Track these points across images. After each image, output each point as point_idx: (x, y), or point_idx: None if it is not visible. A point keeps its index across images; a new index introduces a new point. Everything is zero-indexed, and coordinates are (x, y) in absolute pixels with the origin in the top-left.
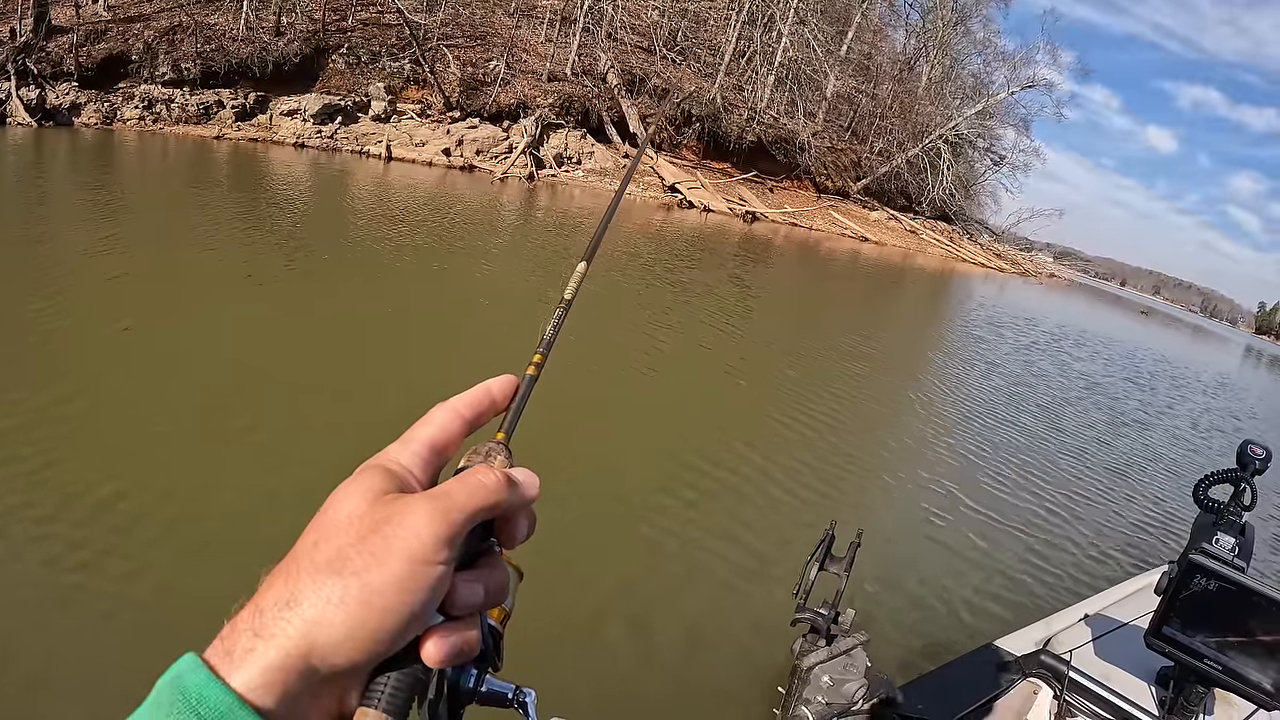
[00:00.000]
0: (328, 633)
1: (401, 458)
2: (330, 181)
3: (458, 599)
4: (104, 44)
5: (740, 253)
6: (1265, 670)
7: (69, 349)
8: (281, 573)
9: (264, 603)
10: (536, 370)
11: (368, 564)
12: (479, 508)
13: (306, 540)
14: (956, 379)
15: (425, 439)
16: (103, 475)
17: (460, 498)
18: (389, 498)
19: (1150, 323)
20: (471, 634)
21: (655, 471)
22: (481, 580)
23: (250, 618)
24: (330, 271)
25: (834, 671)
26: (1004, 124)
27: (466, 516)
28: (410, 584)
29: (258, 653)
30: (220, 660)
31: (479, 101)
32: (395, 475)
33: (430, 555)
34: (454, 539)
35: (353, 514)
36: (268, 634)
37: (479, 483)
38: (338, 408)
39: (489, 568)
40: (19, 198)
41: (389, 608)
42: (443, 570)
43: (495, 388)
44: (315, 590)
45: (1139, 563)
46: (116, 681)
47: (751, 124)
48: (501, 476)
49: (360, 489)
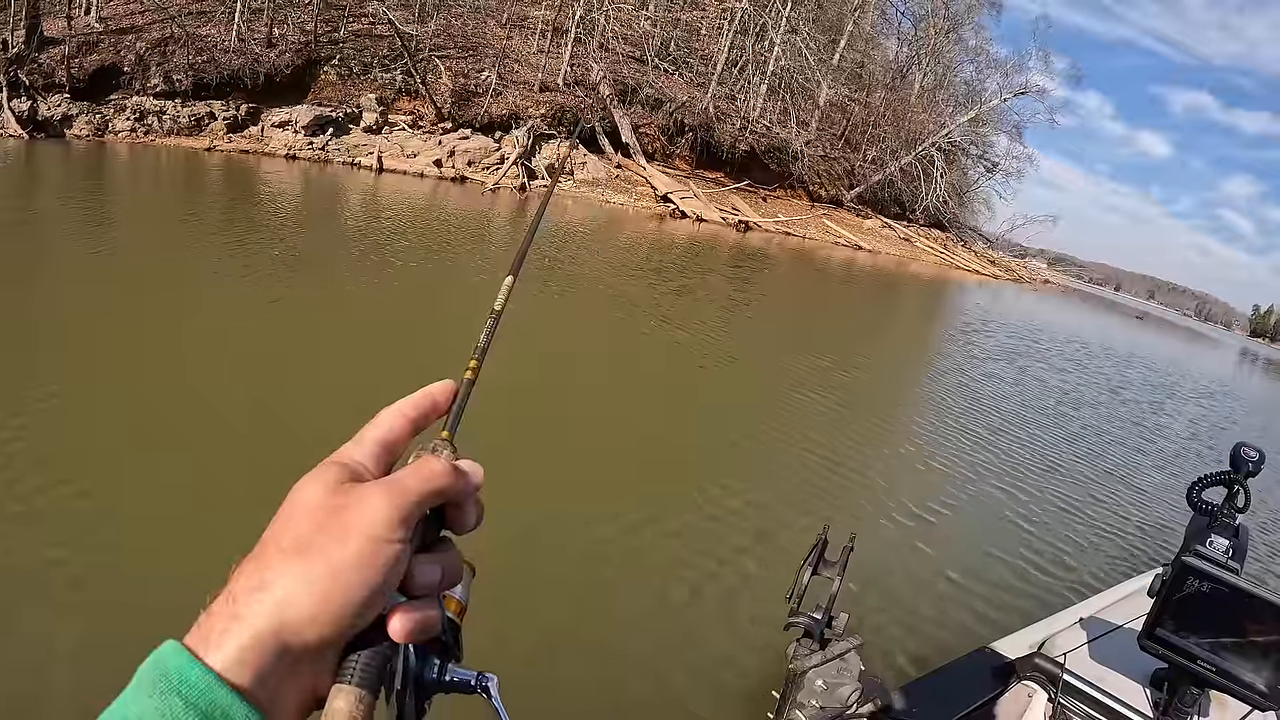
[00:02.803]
0: (296, 611)
1: (355, 455)
2: (320, 194)
3: (416, 578)
4: (96, 55)
5: (733, 262)
6: (1259, 671)
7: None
8: (252, 559)
9: (236, 589)
10: (474, 374)
11: (329, 545)
12: (429, 491)
13: (273, 529)
14: (953, 382)
15: (376, 438)
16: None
17: (411, 482)
18: (346, 486)
19: (1145, 327)
20: (432, 612)
21: (646, 477)
22: (438, 562)
23: (224, 604)
24: (310, 284)
25: (828, 675)
26: (997, 131)
27: (418, 499)
28: (370, 560)
29: (232, 633)
30: (198, 644)
31: (471, 112)
32: (350, 469)
33: (387, 534)
34: (408, 519)
35: (313, 502)
36: (241, 616)
37: (429, 469)
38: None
39: (443, 551)
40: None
41: (351, 584)
42: (399, 548)
43: (436, 391)
44: (282, 573)
45: (1134, 566)
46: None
47: (744, 133)
48: (449, 464)
49: (319, 481)
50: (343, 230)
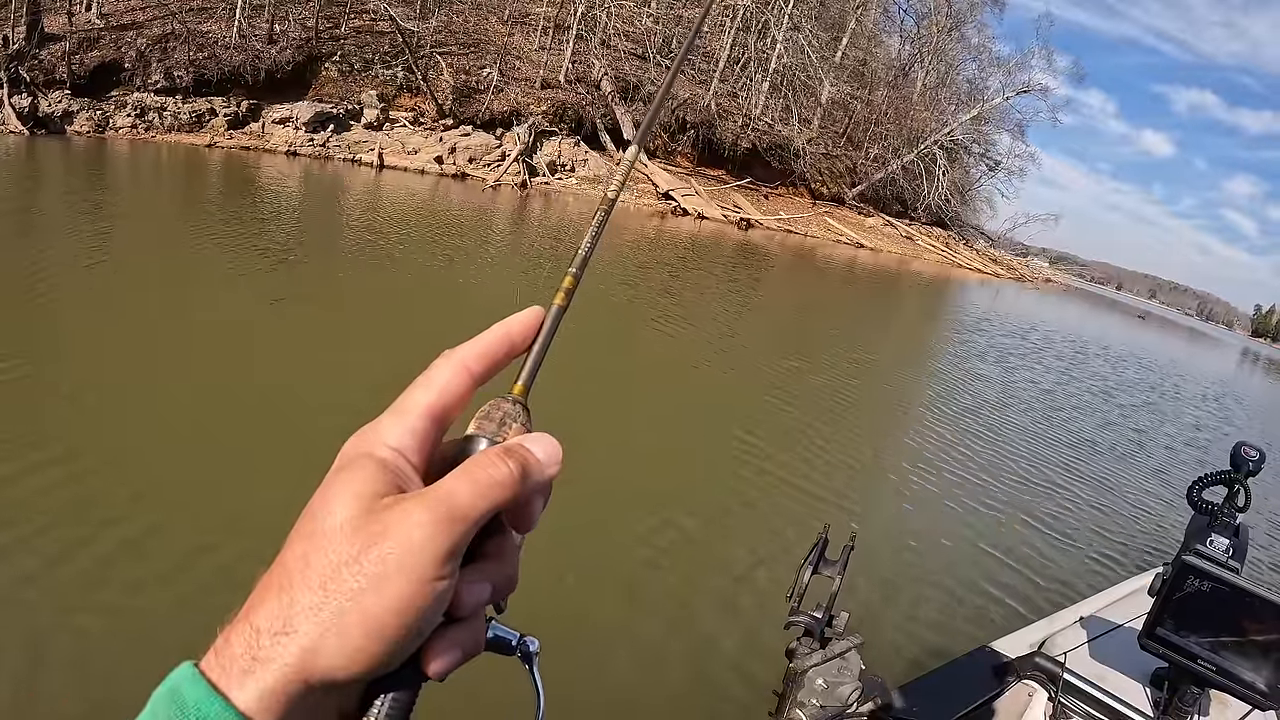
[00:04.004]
0: (325, 660)
1: (392, 435)
2: (321, 190)
3: (463, 599)
4: (97, 52)
5: (735, 260)
6: (1259, 671)
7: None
8: (274, 587)
9: (258, 621)
10: (566, 299)
11: (363, 587)
12: (487, 510)
13: (295, 550)
14: (956, 383)
15: (423, 407)
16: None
17: (465, 500)
18: (383, 504)
19: (1147, 327)
20: (477, 637)
21: (645, 480)
22: (488, 577)
23: (246, 636)
24: (315, 281)
25: (828, 674)
26: (999, 129)
27: (472, 524)
28: (410, 605)
29: (254, 675)
30: (218, 676)
31: (472, 109)
32: (387, 467)
33: (432, 573)
34: (459, 549)
35: (344, 525)
36: (264, 657)
37: (489, 480)
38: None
39: (497, 558)
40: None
41: (387, 631)
42: (445, 585)
43: (515, 328)
44: (309, 615)
45: (1136, 564)
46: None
47: (746, 130)
48: (516, 468)
49: (350, 492)
50: (345, 225)
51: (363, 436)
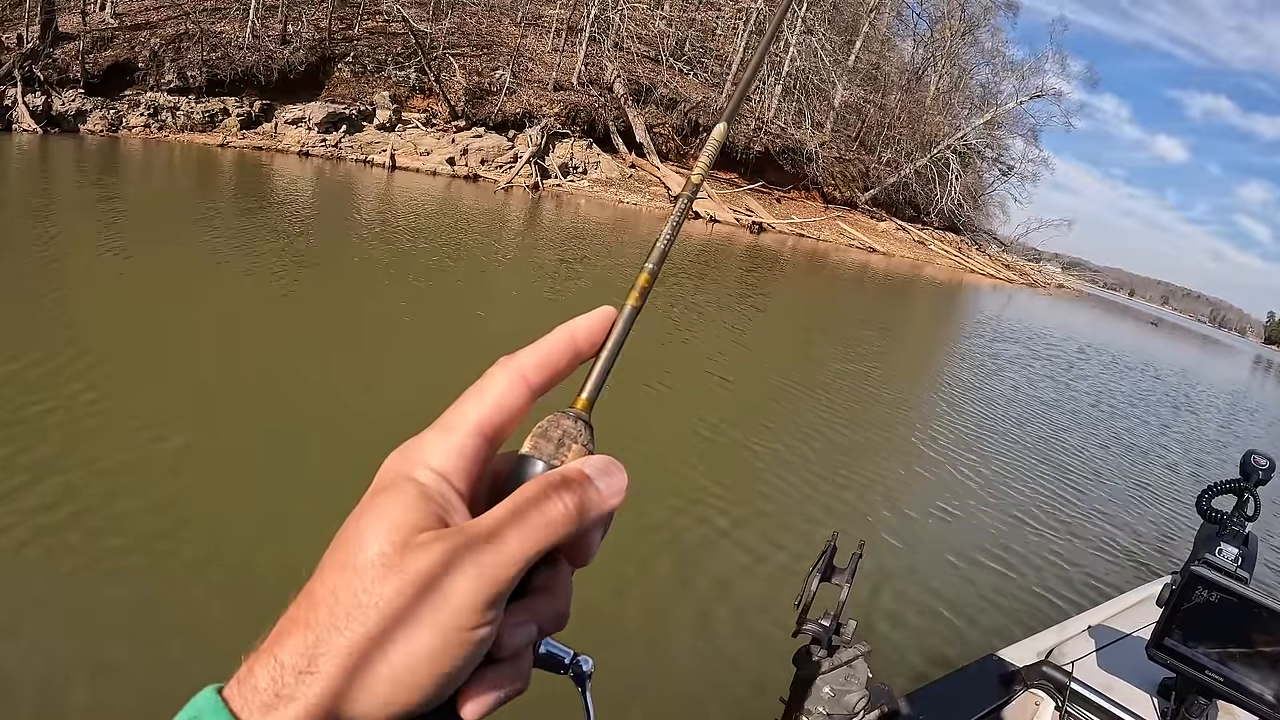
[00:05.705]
0: (349, 706)
1: (436, 456)
2: (333, 191)
3: (504, 645)
4: (110, 51)
5: (747, 264)
6: (1267, 682)
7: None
8: (300, 620)
9: (283, 656)
10: (641, 298)
11: (396, 636)
12: (538, 554)
13: (325, 583)
14: (967, 390)
15: (473, 423)
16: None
17: (512, 545)
18: (420, 541)
19: (1159, 334)
20: (519, 680)
21: (652, 484)
22: (535, 616)
23: (270, 669)
24: (318, 284)
25: (835, 682)
26: (1012, 134)
27: (519, 570)
28: (444, 655)
29: (279, 713)
30: (240, 706)
31: (484, 111)
32: (428, 495)
33: (471, 622)
34: (502, 597)
35: (376, 562)
36: (287, 695)
37: (541, 520)
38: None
39: (547, 594)
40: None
41: (419, 680)
42: (486, 632)
43: (581, 332)
44: (335, 658)
45: (1144, 574)
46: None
47: (759, 134)
48: (573, 505)
49: (386, 522)
50: (359, 227)
51: (404, 454)
